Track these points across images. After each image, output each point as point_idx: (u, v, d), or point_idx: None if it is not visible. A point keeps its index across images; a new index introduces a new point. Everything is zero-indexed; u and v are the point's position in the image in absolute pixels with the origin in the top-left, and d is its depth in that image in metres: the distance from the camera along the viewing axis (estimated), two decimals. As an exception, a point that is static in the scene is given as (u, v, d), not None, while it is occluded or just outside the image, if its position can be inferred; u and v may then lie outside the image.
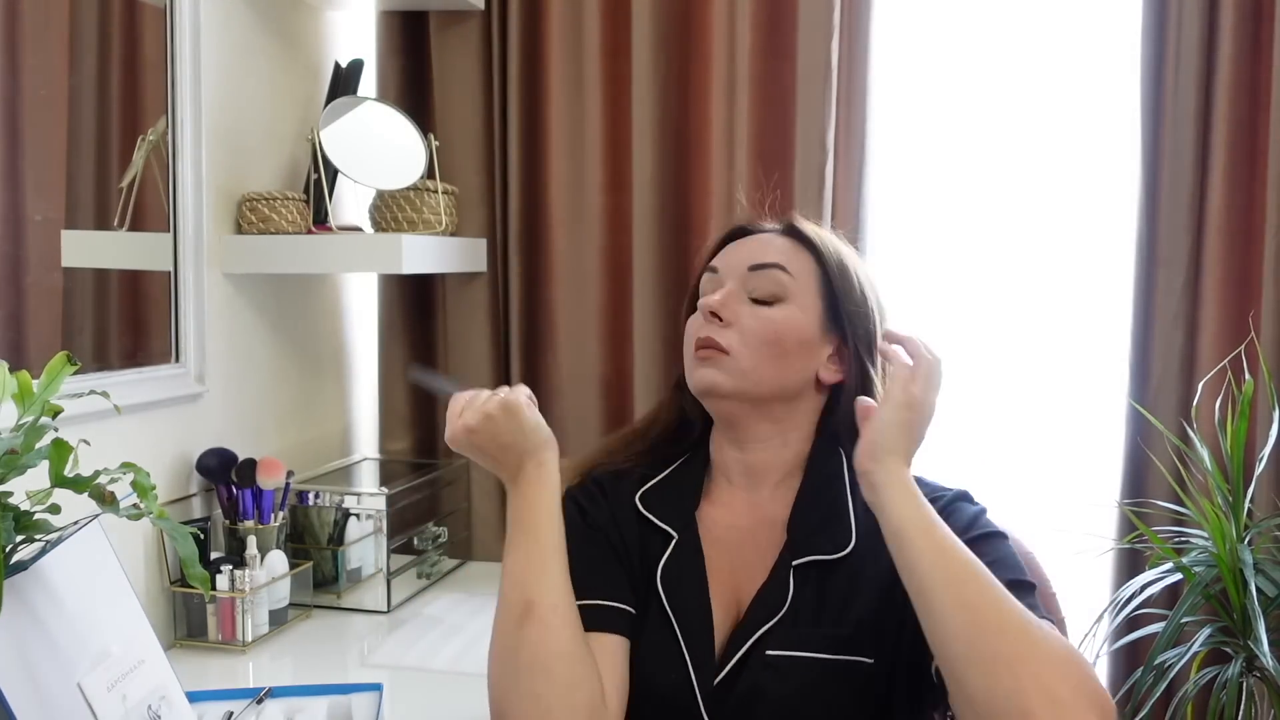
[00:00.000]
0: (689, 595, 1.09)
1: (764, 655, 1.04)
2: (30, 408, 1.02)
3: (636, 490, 1.17)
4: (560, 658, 1.01)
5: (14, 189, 1.49)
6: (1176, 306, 1.91)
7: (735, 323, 1.12)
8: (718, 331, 1.12)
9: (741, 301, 1.13)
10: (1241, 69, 1.85)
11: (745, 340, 1.11)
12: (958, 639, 0.90)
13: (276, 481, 1.77)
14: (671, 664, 1.06)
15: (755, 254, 1.16)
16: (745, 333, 1.11)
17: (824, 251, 1.16)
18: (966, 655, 0.89)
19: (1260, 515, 1.84)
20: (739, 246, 1.19)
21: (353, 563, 1.92)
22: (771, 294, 1.13)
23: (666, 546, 1.12)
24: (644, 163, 2.07)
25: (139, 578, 1.63)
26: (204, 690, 1.33)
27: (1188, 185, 1.89)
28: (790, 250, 1.16)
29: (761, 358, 1.11)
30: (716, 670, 1.05)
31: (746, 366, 1.11)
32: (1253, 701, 1.71)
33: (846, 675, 1.03)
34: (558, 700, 0.99)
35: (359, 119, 1.97)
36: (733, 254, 1.18)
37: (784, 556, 1.08)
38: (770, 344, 1.11)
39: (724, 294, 1.13)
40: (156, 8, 1.70)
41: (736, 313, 1.12)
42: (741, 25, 2.01)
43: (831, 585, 1.06)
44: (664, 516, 1.14)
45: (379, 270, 2.15)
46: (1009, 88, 2.04)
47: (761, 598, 1.07)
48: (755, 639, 1.05)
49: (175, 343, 1.75)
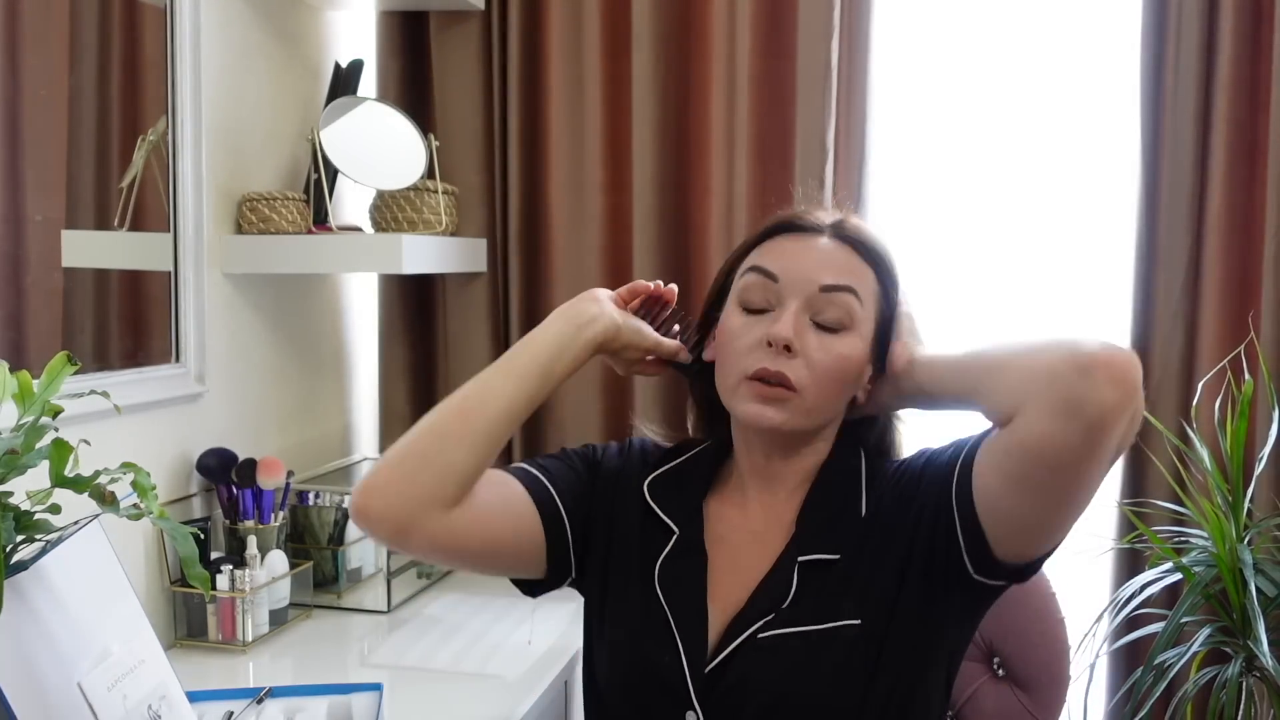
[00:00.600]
0: (686, 593, 1.09)
1: (755, 639, 1.04)
2: (30, 408, 1.02)
3: (648, 475, 1.16)
4: (450, 438, 1.04)
5: (14, 189, 1.49)
6: (1176, 306, 1.91)
7: (803, 354, 1.03)
8: (788, 365, 1.03)
9: (807, 326, 1.04)
10: (1241, 69, 1.85)
11: (815, 377, 1.03)
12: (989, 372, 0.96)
13: (276, 481, 1.77)
14: (664, 649, 1.07)
15: (824, 268, 1.05)
16: (815, 368, 1.03)
17: (885, 266, 1.08)
18: (1000, 378, 0.94)
19: (1260, 515, 1.84)
20: (798, 250, 1.07)
21: (353, 563, 1.92)
22: (839, 321, 1.04)
23: (668, 539, 1.12)
24: (644, 163, 2.07)
25: (139, 578, 1.63)
26: (204, 690, 1.33)
27: (1188, 185, 1.89)
28: (856, 266, 1.07)
29: (828, 395, 1.05)
30: (709, 659, 1.05)
31: (811, 404, 1.05)
32: (1252, 701, 1.71)
33: (834, 642, 1.03)
34: (413, 470, 1.04)
35: (359, 119, 1.97)
36: (795, 261, 1.06)
37: (789, 551, 1.08)
38: (837, 380, 1.05)
39: (794, 322, 1.03)
40: (156, 8, 1.70)
41: (804, 343, 1.03)
42: (741, 25, 2.01)
43: (835, 579, 1.06)
44: (669, 509, 1.13)
45: (379, 270, 2.15)
46: (1009, 88, 2.04)
47: (763, 591, 1.07)
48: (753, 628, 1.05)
49: (175, 343, 1.75)
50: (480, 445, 1.05)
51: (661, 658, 1.07)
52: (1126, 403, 0.87)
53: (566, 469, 1.16)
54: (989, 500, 0.97)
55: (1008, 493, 0.95)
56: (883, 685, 1.03)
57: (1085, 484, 0.92)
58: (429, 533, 1.03)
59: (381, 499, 1.03)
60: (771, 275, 1.06)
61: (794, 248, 1.08)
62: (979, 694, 1.43)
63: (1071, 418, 0.87)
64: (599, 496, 1.15)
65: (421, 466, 1.04)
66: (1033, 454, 0.90)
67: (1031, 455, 0.90)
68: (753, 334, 1.05)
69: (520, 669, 1.60)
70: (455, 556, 1.10)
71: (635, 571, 1.12)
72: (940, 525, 1.01)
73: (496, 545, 1.10)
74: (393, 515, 1.03)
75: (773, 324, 1.04)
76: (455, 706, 1.49)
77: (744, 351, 1.05)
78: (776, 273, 1.06)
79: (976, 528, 0.98)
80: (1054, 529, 0.97)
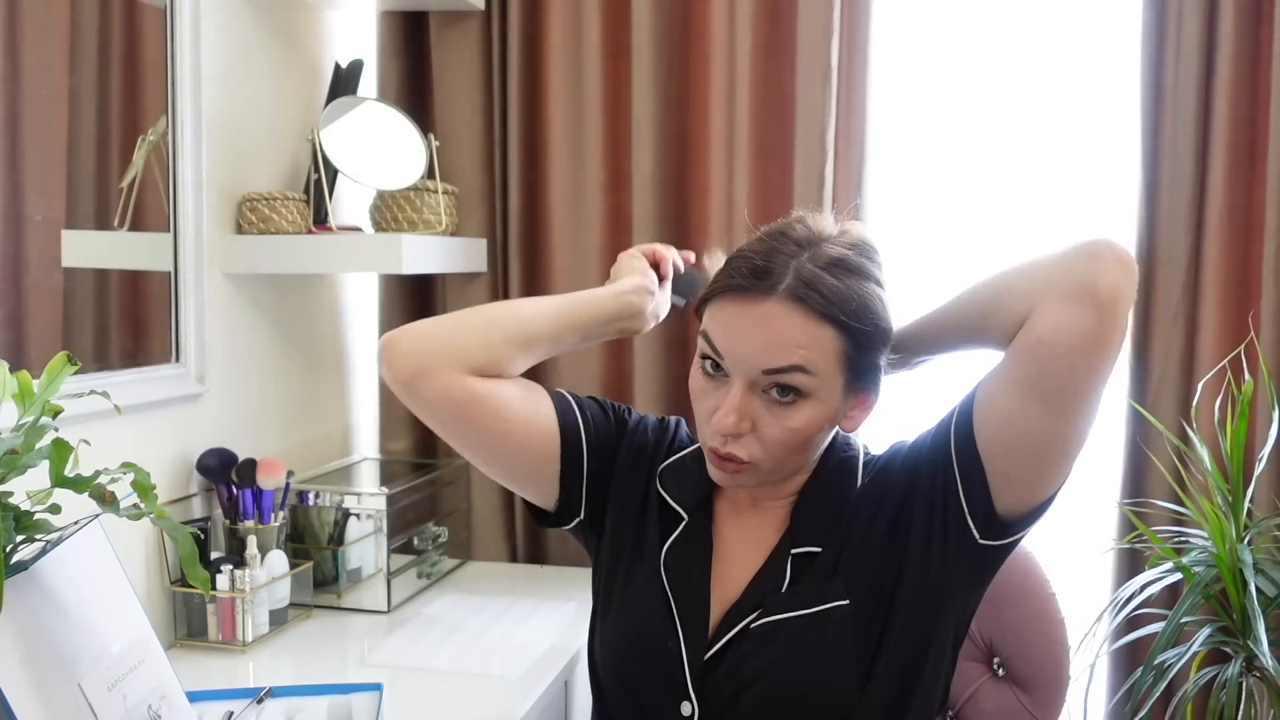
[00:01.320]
0: (689, 579, 1.11)
1: (748, 629, 1.06)
2: (30, 408, 1.02)
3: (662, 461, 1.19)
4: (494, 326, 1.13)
5: (14, 189, 1.49)
6: (1176, 306, 1.91)
7: (754, 430, 1.03)
8: (737, 445, 1.03)
9: (754, 401, 1.02)
10: (1241, 69, 1.85)
11: (768, 449, 1.04)
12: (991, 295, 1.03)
13: (276, 481, 1.77)
14: (667, 635, 1.09)
15: (766, 350, 1.00)
16: (766, 441, 1.03)
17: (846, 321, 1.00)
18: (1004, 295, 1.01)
19: (1260, 515, 1.84)
20: (742, 324, 1.01)
21: (353, 563, 1.92)
22: (792, 393, 1.02)
23: (675, 525, 1.14)
24: (644, 163, 2.07)
25: (139, 578, 1.63)
26: (204, 690, 1.33)
27: (1188, 185, 1.89)
28: (807, 333, 1.00)
29: (785, 459, 1.06)
30: (707, 647, 1.07)
31: (771, 469, 1.06)
32: (1252, 701, 1.71)
33: (824, 627, 1.04)
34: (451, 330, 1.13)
35: (359, 119, 1.97)
36: (737, 338, 1.02)
37: (784, 544, 1.10)
38: (792, 448, 1.04)
39: (736, 410, 1.01)
40: (156, 8, 1.70)
41: (754, 420, 1.03)
42: (741, 25, 2.01)
43: (826, 571, 1.08)
44: (678, 496, 1.15)
45: (379, 270, 2.15)
46: (1009, 87, 2.04)
47: (757, 583, 1.09)
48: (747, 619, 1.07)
49: (175, 343, 1.75)
50: (517, 345, 1.13)
51: (663, 643, 1.09)
52: (1132, 281, 0.94)
53: (602, 415, 1.20)
54: (995, 432, 1.00)
55: (1018, 410, 0.97)
56: (885, 664, 1.05)
57: (1096, 380, 0.95)
58: (443, 383, 1.08)
59: (411, 339, 1.11)
60: (717, 351, 1.04)
61: (738, 320, 1.02)
62: (979, 694, 1.43)
63: (1086, 301, 0.92)
64: (621, 461, 1.18)
65: (460, 330, 1.12)
66: (1049, 348, 0.94)
67: (1048, 349, 0.94)
68: (708, 403, 1.06)
69: (520, 669, 1.60)
70: (462, 419, 1.11)
71: (642, 552, 1.14)
72: (940, 488, 1.03)
73: (506, 427, 1.12)
74: (417, 355, 1.09)
75: (719, 407, 1.03)
76: (455, 706, 1.49)
77: (704, 418, 1.07)
78: (720, 349, 1.03)
79: (980, 477, 1.01)
80: (1061, 453, 0.99)
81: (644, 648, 1.10)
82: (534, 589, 2.01)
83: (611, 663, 1.14)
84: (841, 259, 1.03)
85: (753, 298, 1.01)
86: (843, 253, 1.03)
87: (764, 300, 1.00)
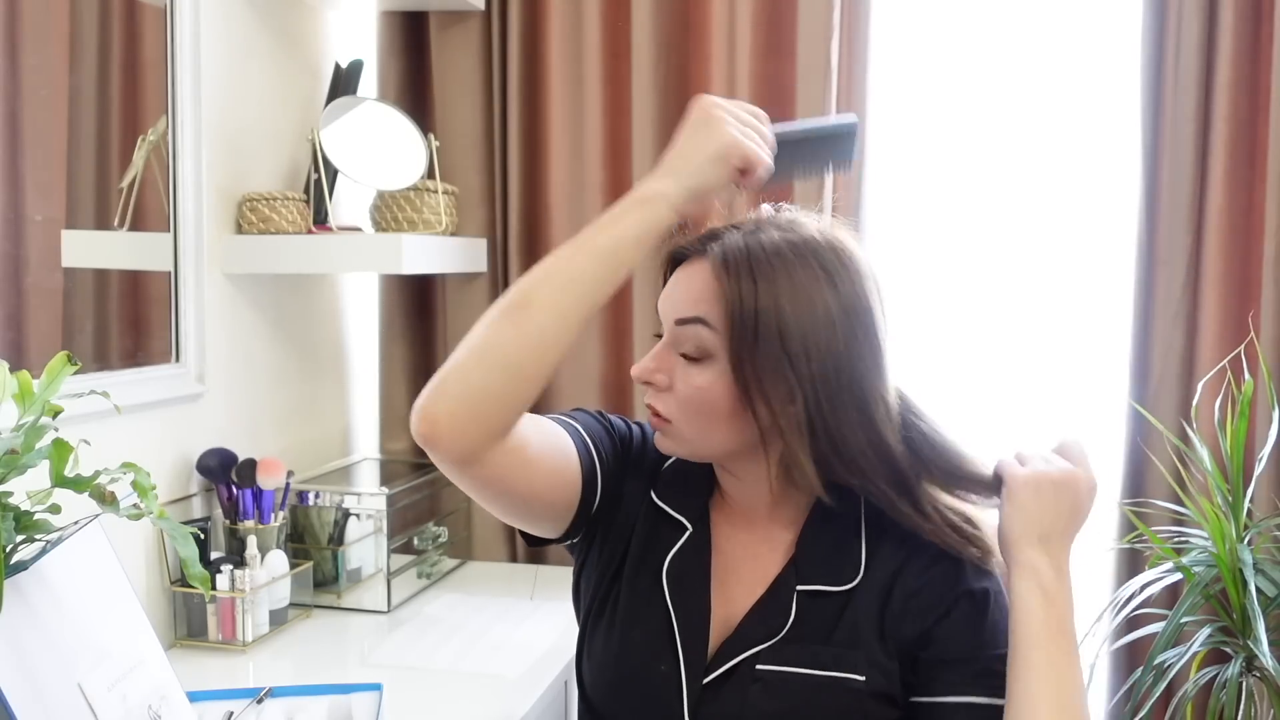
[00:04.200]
0: (691, 593, 1.07)
1: (754, 669, 1.02)
2: (30, 408, 1.02)
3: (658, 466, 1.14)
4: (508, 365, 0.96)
5: (14, 189, 1.49)
6: (1176, 306, 1.91)
7: (671, 387, 1.03)
8: (655, 398, 1.04)
9: (673, 357, 1.02)
10: (1241, 69, 1.85)
11: (681, 408, 1.02)
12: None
13: (276, 481, 1.77)
14: (662, 657, 1.05)
15: (678, 302, 1.02)
16: (680, 399, 1.02)
17: (735, 273, 0.97)
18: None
19: (1260, 515, 1.84)
20: (674, 282, 1.05)
21: (353, 563, 1.92)
22: (695, 352, 1.01)
23: (677, 535, 1.10)
24: (644, 163, 2.07)
25: (139, 578, 1.63)
26: (204, 690, 1.33)
27: (1188, 185, 1.89)
28: (713, 287, 0.99)
29: (700, 427, 1.02)
30: (705, 673, 1.04)
31: (689, 435, 1.04)
32: (1252, 701, 1.71)
33: (836, 692, 1.01)
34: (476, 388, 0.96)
35: (359, 119, 1.97)
36: (667, 295, 1.05)
37: (786, 578, 1.05)
38: (699, 409, 1.01)
39: (654, 358, 1.03)
40: (156, 8, 1.70)
41: (671, 375, 1.03)
42: (741, 25, 2.01)
43: (831, 613, 1.03)
44: (679, 506, 1.11)
45: (379, 270, 2.15)
46: (1009, 87, 2.05)
47: (759, 614, 1.04)
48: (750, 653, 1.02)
49: (175, 343, 1.75)
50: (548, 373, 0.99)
51: (658, 666, 1.05)
52: None
53: (609, 441, 1.14)
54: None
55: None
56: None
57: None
58: (490, 462, 0.99)
59: (450, 419, 0.96)
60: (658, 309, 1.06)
61: (673, 282, 1.05)
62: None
63: None
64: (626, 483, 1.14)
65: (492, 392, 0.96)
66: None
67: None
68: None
69: (520, 669, 1.60)
70: (502, 492, 1.05)
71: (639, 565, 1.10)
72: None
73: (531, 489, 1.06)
74: (458, 439, 0.96)
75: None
76: (455, 706, 1.49)
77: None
78: (659, 308, 1.06)
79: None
80: None
81: (638, 668, 1.06)
82: (534, 589, 2.01)
83: (600, 684, 1.11)
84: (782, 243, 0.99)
85: (689, 260, 1.04)
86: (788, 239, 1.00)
87: (695, 261, 1.03)
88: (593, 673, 1.12)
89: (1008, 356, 2.08)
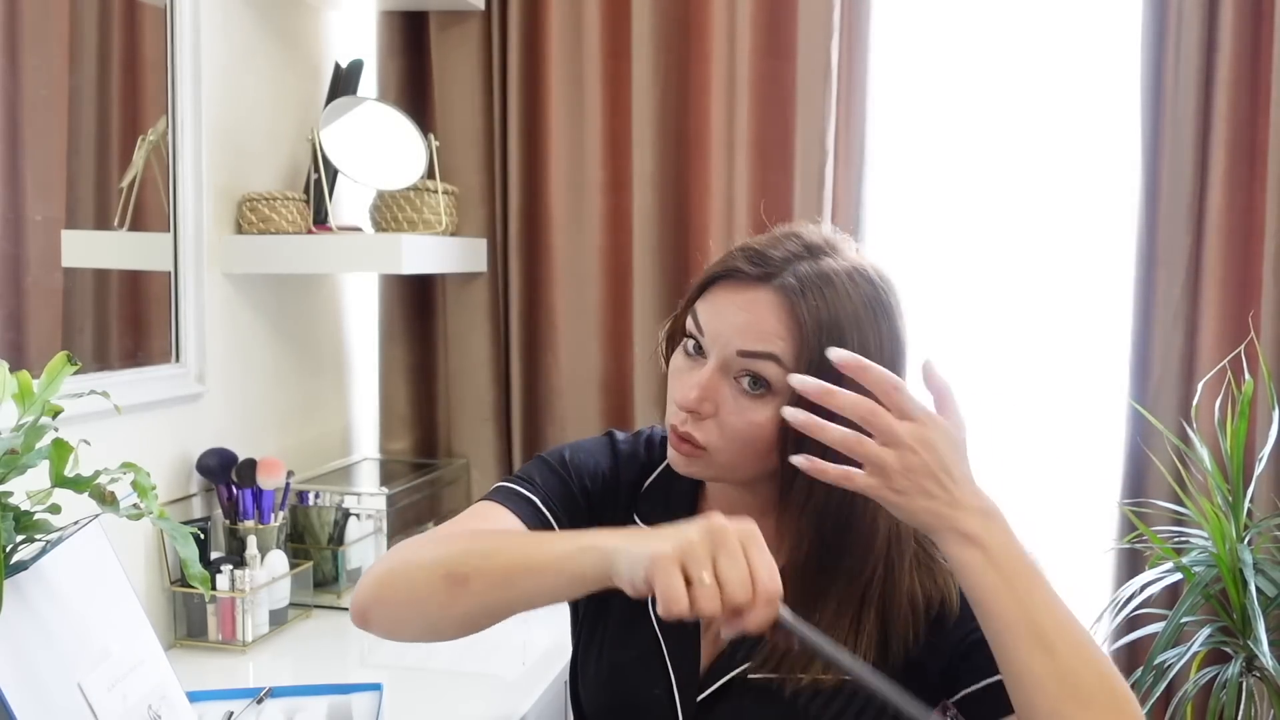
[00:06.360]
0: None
1: (746, 679, 1.01)
2: (30, 408, 1.02)
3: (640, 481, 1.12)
4: (435, 627, 0.98)
5: (14, 189, 1.49)
6: (1176, 306, 1.91)
7: (716, 414, 0.98)
8: (695, 426, 0.99)
9: (724, 384, 0.98)
10: (1241, 69, 1.85)
11: (725, 436, 0.98)
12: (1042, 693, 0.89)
13: (276, 481, 1.77)
14: (655, 680, 1.05)
15: (745, 332, 0.97)
16: (725, 429, 0.98)
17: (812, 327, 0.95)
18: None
19: (1260, 515, 1.84)
20: (729, 306, 0.99)
21: (353, 563, 1.92)
22: (756, 383, 0.97)
23: None
24: (644, 163, 2.07)
25: (139, 578, 1.63)
26: (204, 690, 1.33)
27: (1188, 185, 1.89)
28: (787, 323, 0.96)
29: (740, 456, 0.99)
30: (698, 691, 1.03)
31: (725, 463, 1.00)
32: (1252, 701, 1.71)
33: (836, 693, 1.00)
34: (407, 621, 1.01)
35: (359, 119, 1.97)
36: (721, 318, 0.99)
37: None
38: (748, 444, 0.98)
39: (702, 386, 0.97)
40: (156, 8, 1.70)
41: (717, 403, 0.98)
42: (741, 25, 2.01)
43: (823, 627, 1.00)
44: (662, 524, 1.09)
45: (379, 270, 2.15)
46: (1009, 88, 2.04)
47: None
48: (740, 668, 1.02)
49: (175, 343, 1.75)
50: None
51: (652, 690, 1.04)
52: None
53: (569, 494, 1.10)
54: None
55: None
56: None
57: None
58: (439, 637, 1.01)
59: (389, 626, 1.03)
60: (700, 328, 1.01)
61: (726, 302, 0.99)
62: (979, 694, 1.43)
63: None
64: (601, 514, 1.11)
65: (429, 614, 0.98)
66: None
67: None
68: (683, 381, 1.01)
69: (520, 669, 1.60)
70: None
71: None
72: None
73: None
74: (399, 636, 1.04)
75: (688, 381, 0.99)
76: (455, 706, 1.49)
77: (674, 396, 1.02)
78: (703, 326, 1.00)
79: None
80: None
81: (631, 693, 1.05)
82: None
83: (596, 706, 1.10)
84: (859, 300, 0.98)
85: (746, 283, 0.99)
86: (863, 295, 0.99)
87: (757, 287, 0.98)
88: (588, 694, 1.12)
89: (1008, 356, 2.08)
